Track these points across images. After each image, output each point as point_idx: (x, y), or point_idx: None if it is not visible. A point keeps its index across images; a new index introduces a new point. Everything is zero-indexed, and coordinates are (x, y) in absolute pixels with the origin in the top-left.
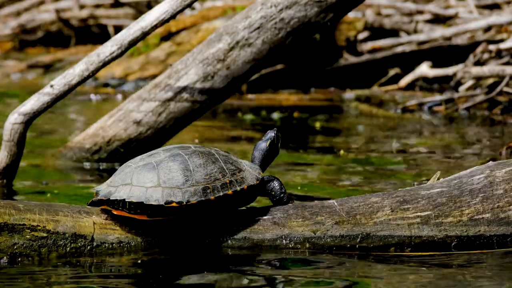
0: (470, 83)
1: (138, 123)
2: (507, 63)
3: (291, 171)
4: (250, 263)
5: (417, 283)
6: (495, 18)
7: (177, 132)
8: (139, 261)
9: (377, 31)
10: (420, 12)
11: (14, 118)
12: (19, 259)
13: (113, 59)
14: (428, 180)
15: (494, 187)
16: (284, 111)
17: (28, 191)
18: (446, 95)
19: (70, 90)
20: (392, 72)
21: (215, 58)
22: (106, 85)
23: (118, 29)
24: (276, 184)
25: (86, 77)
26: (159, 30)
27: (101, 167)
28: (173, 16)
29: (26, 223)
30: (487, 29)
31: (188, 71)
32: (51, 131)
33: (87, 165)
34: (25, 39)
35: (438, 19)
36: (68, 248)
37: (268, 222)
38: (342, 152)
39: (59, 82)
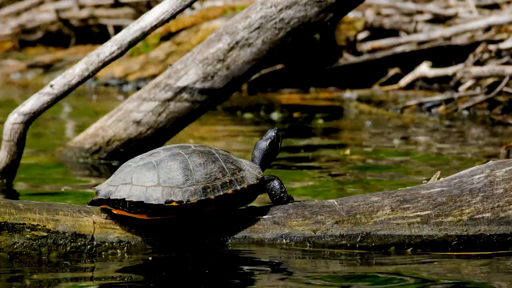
0: (470, 83)
1: (138, 123)
2: (507, 63)
3: (292, 170)
4: (250, 263)
5: (420, 281)
6: (495, 18)
7: (177, 132)
8: (139, 260)
9: (377, 31)
10: (420, 12)
11: (14, 118)
12: (19, 259)
13: (113, 59)
14: (428, 179)
15: (494, 187)
16: (284, 111)
17: (27, 190)
18: (446, 95)
19: (70, 90)
20: (392, 72)
21: (215, 58)
22: (106, 85)
23: (118, 29)
24: (276, 184)
25: (86, 77)
26: (159, 30)
27: (100, 167)
28: (173, 16)
29: (26, 222)
30: (487, 29)
31: (188, 71)
32: (51, 130)
33: (87, 165)
34: (25, 39)
35: (438, 19)
36: (68, 248)
37: (268, 221)
38: (348, 151)
39: (59, 82)
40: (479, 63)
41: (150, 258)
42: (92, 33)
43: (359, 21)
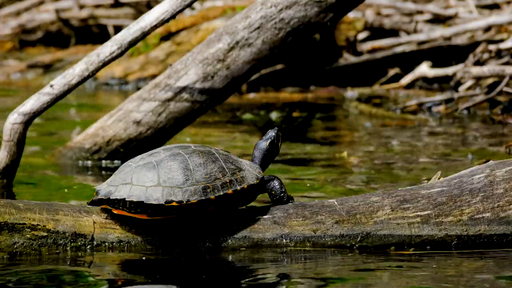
0: (470, 83)
1: (138, 123)
2: (507, 63)
3: (292, 170)
4: (250, 262)
5: (417, 280)
6: (495, 18)
7: (177, 132)
8: (139, 260)
9: (377, 31)
10: (420, 12)
11: (14, 118)
12: (19, 258)
13: (113, 59)
14: (428, 179)
15: (494, 187)
16: (284, 111)
17: (27, 190)
18: (446, 95)
19: (70, 90)
20: (392, 72)
21: (215, 58)
22: (106, 84)
23: (118, 29)
24: (276, 183)
25: (86, 77)
26: (159, 30)
27: (101, 167)
28: (173, 16)
29: (26, 222)
30: (487, 29)
31: (188, 71)
32: (52, 130)
33: (87, 165)
34: (25, 39)
35: (438, 19)
36: (68, 247)
37: (268, 221)
38: (345, 153)
39: (59, 82)
40: (479, 63)
41: (150, 258)
42: (92, 33)
43: (359, 21)
